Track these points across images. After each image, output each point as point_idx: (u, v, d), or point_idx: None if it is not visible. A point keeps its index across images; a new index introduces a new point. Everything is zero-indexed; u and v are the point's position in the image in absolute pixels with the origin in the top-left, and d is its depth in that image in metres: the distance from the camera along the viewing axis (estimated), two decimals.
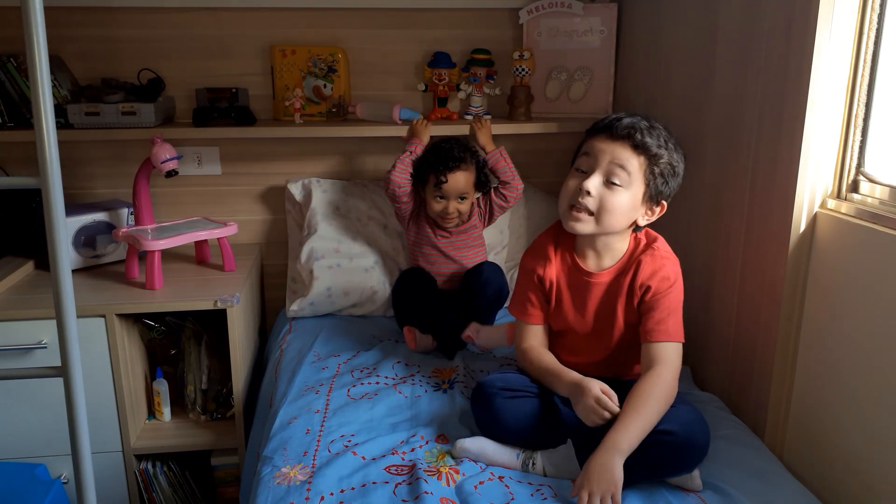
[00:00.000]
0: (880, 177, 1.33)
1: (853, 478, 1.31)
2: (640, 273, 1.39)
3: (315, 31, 2.20)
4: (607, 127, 1.36)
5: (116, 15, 2.11)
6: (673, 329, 1.38)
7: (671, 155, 1.36)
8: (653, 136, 1.34)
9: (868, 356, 1.27)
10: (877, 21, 1.30)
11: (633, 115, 1.37)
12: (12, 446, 1.77)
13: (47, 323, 1.71)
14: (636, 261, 1.41)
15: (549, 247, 1.48)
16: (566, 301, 1.47)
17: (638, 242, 1.44)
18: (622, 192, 1.34)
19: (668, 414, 1.30)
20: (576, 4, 2.19)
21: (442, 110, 2.24)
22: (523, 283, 1.51)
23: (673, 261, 1.42)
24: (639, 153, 1.33)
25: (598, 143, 1.36)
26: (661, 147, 1.34)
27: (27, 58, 0.84)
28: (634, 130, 1.33)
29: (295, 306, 2.06)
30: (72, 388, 0.97)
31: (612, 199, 1.34)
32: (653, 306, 1.38)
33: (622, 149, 1.33)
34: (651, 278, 1.39)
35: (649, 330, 1.38)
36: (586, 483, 1.19)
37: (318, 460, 1.36)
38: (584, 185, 1.34)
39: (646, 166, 1.34)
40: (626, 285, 1.41)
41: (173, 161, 1.90)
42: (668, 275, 1.39)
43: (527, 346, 1.49)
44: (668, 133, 1.39)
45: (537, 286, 1.48)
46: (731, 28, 1.60)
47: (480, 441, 1.39)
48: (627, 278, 1.41)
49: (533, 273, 1.48)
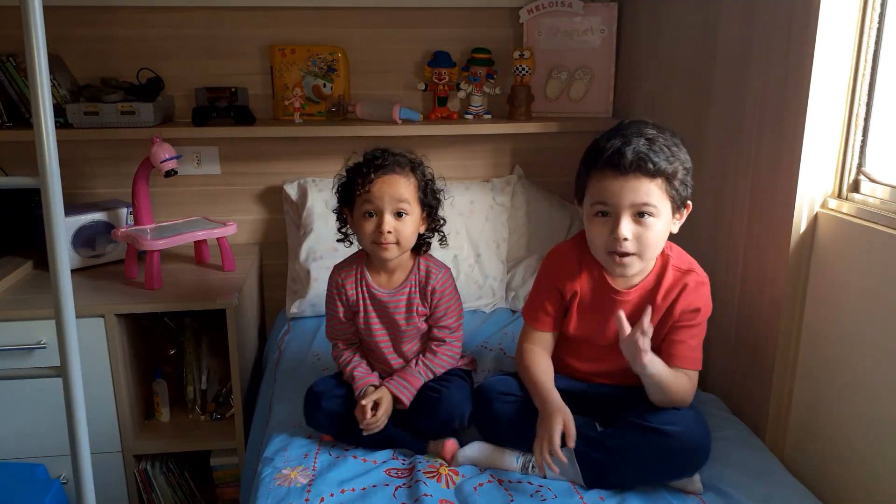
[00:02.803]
0: (881, 177, 1.33)
1: (853, 478, 1.31)
2: (681, 299, 1.35)
3: (315, 31, 2.20)
4: (612, 165, 1.27)
5: (116, 14, 2.11)
6: (697, 357, 1.37)
7: (680, 159, 1.30)
8: (659, 153, 1.26)
9: (869, 356, 1.27)
10: (877, 21, 1.30)
11: (627, 135, 1.28)
12: (12, 446, 1.77)
13: (46, 323, 1.70)
14: (680, 284, 1.35)
15: (575, 260, 1.41)
16: (588, 314, 1.42)
17: (665, 258, 1.37)
18: (655, 222, 1.28)
19: (670, 416, 1.29)
20: (576, 4, 2.19)
21: (442, 110, 2.24)
22: (542, 290, 1.45)
23: (708, 285, 1.38)
24: (654, 178, 1.26)
25: (609, 184, 1.27)
26: (670, 158, 1.27)
27: (26, 57, 0.84)
28: (642, 160, 1.24)
29: (295, 308, 2.06)
30: (71, 389, 0.97)
31: (649, 234, 1.28)
32: (683, 332, 1.36)
33: (637, 183, 1.25)
34: (691, 306, 1.35)
35: (675, 355, 1.35)
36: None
37: (319, 462, 1.36)
38: (618, 235, 1.27)
39: (665, 186, 1.27)
40: (663, 308, 1.36)
41: (172, 161, 1.90)
42: (707, 304, 1.37)
43: (527, 346, 1.46)
44: (663, 133, 1.31)
45: (557, 297, 1.43)
46: (731, 27, 1.59)
47: (480, 445, 1.38)
48: (665, 301, 1.36)
49: (554, 283, 1.43)
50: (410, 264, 1.49)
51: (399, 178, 1.40)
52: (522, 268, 2.20)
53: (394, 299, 1.47)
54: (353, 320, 1.51)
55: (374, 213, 1.39)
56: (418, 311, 1.47)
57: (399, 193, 1.39)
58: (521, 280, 2.17)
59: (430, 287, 1.46)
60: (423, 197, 1.44)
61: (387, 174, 1.39)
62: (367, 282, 1.48)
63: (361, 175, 1.39)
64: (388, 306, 1.47)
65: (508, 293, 2.17)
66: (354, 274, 1.49)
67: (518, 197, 2.25)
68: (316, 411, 1.42)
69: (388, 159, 1.41)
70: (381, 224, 1.38)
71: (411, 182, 1.42)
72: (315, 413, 1.43)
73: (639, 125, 1.31)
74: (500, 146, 2.34)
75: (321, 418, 1.42)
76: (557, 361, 1.47)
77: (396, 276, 1.48)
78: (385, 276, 1.48)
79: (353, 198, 1.42)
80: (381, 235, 1.38)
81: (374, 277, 1.48)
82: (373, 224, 1.39)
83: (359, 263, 1.49)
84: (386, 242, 1.39)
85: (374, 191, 1.38)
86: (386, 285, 1.48)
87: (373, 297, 1.47)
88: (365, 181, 1.38)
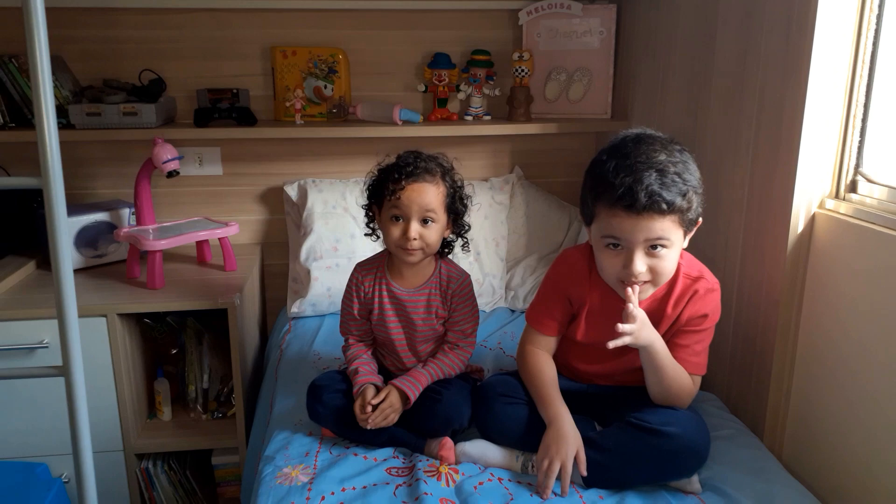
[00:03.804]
0: (879, 177, 1.34)
1: (852, 477, 1.31)
2: (690, 305, 1.34)
3: (315, 32, 2.21)
4: (625, 206, 1.21)
5: (118, 15, 2.12)
6: (702, 362, 1.38)
7: (693, 185, 1.25)
8: (671, 187, 1.20)
9: (867, 356, 1.27)
10: (875, 21, 1.31)
11: (636, 168, 1.21)
12: (13, 446, 1.78)
13: (49, 322, 1.71)
14: (690, 291, 1.34)
15: (585, 268, 1.39)
16: (597, 321, 1.39)
17: (677, 266, 1.34)
18: (669, 252, 1.26)
19: (670, 417, 1.30)
20: (575, 5, 2.20)
21: (442, 111, 2.24)
22: (549, 295, 1.44)
23: (718, 292, 1.37)
24: (668, 214, 1.22)
25: (621, 222, 1.23)
26: (682, 189, 1.22)
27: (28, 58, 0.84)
28: (655, 202, 1.19)
29: (295, 307, 2.07)
30: (73, 388, 0.98)
31: (662, 264, 1.27)
32: (689, 336, 1.36)
33: (650, 223, 1.21)
34: (699, 312, 1.35)
35: (683, 359, 1.35)
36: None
37: (320, 461, 1.36)
38: (633, 270, 1.25)
39: (678, 219, 1.24)
40: (672, 316, 1.35)
41: (174, 161, 1.91)
42: (715, 310, 1.36)
43: (531, 349, 1.45)
44: (671, 154, 1.24)
45: (565, 304, 1.42)
46: (729, 28, 1.60)
47: (481, 444, 1.39)
48: (675, 309, 1.35)
49: (564, 291, 1.42)
50: (432, 267, 1.50)
51: (429, 187, 1.40)
52: (522, 268, 2.20)
53: (413, 299, 1.48)
54: (367, 318, 1.52)
55: (401, 217, 1.41)
56: (437, 313, 1.49)
57: (427, 202, 1.40)
58: (520, 280, 2.18)
59: (450, 290, 1.48)
60: (451, 204, 1.45)
61: (417, 182, 1.39)
62: (387, 280, 1.50)
63: (392, 180, 1.40)
64: (406, 305, 1.48)
65: (508, 293, 2.18)
66: (375, 271, 1.51)
67: (517, 197, 2.26)
68: (317, 404, 1.43)
69: (419, 166, 1.41)
70: (407, 230, 1.39)
71: (440, 190, 1.42)
72: (316, 405, 1.44)
73: (646, 149, 1.24)
74: (499, 147, 2.35)
75: (322, 411, 1.43)
76: (560, 361, 1.47)
77: (418, 277, 1.50)
78: (406, 277, 1.50)
79: (382, 198, 1.44)
80: (407, 241, 1.40)
81: (395, 277, 1.50)
82: (399, 229, 1.41)
83: (381, 262, 1.52)
84: (411, 249, 1.41)
85: (403, 198, 1.39)
86: (406, 285, 1.49)
87: (392, 294, 1.49)
88: (396, 188, 1.39)
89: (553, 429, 1.31)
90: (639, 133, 1.30)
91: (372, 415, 1.36)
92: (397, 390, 1.40)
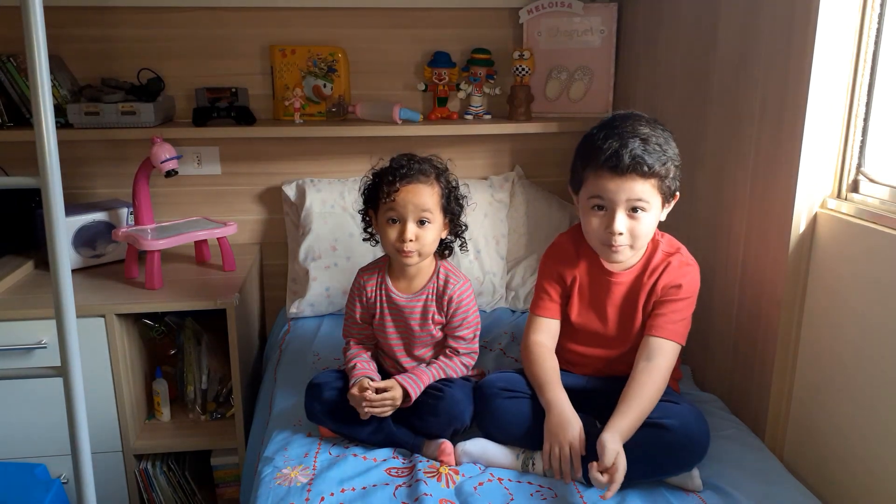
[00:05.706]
0: (880, 177, 1.33)
1: (853, 478, 1.31)
2: (664, 276, 1.42)
3: (315, 31, 2.20)
4: (610, 167, 1.33)
5: (116, 15, 2.11)
6: (678, 330, 1.40)
7: (671, 157, 1.36)
8: (653, 154, 1.32)
9: (868, 356, 1.27)
10: (877, 21, 1.30)
11: (623, 135, 1.33)
12: (12, 446, 1.77)
13: (47, 323, 1.70)
14: (664, 262, 1.43)
15: (571, 248, 1.49)
16: (587, 299, 1.48)
17: (656, 243, 1.45)
18: (647, 216, 1.36)
19: (668, 411, 1.31)
20: (576, 4, 2.19)
21: (442, 110, 2.24)
22: (544, 277, 1.51)
23: (695, 268, 1.45)
24: (648, 178, 1.33)
25: (607, 183, 1.34)
26: (662, 158, 1.34)
27: (27, 58, 0.84)
28: (638, 164, 1.31)
29: (294, 308, 2.06)
30: (71, 388, 0.97)
31: (641, 227, 1.36)
32: (666, 306, 1.41)
33: (633, 183, 1.33)
34: (673, 282, 1.41)
35: (655, 325, 1.40)
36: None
37: (319, 462, 1.36)
38: (613, 229, 1.35)
39: (657, 183, 1.35)
40: (648, 285, 1.43)
41: (173, 161, 1.90)
42: (690, 283, 1.42)
43: (535, 340, 1.48)
44: (654, 129, 1.36)
45: (557, 282, 1.49)
46: (730, 27, 1.60)
47: (481, 442, 1.39)
48: (650, 279, 1.43)
49: (554, 270, 1.50)
50: (431, 271, 1.51)
51: (423, 188, 1.42)
52: (522, 267, 2.20)
53: (410, 304, 1.49)
54: (370, 323, 1.53)
55: (397, 220, 1.42)
56: (434, 318, 1.49)
57: (422, 203, 1.41)
58: (521, 280, 2.18)
59: (447, 296, 1.48)
60: (447, 204, 1.46)
61: (411, 183, 1.41)
62: (387, 285, 1.51)
63: (387, 182, 1.42)
64: (403, 311, 1.49)
65: (509, 293, 2.17)
66: (376, 276, 1.52)
67: (517, 197, 2.25)
68: (315, 401, 1.44)
69: (413, 167, 1.42)
70: (403, 232, 1.41)
71: (435, 190, 1.44)
72: (314, 403, 1.44)
73: (633, 122, 1.37)
74: (499, 146, 2.34)
75: (319, 408, 1.43)
76: (560, 350, 1.49)
77: (416, 282, 1.50)
78: (405, 281, 1.51)
79: (377, 202, 1.45)
80: (404, 243, 1.41)
81: (395, 281, 1.51)
82: (396, 231, 1.42)
83: (382, 267, 1.53)
84: (408, 251, 1.42)
85: (399, 199, 1.40)
86: (404, 290, 1.50)
87: (390, 300, 1.50)
88: (390, 190, 1.41)
89: (553, 414, 1.33)
90: (627, 112, 1.42)
91: (372, 397, 1.36)
92: (400, 387, 1.40)
